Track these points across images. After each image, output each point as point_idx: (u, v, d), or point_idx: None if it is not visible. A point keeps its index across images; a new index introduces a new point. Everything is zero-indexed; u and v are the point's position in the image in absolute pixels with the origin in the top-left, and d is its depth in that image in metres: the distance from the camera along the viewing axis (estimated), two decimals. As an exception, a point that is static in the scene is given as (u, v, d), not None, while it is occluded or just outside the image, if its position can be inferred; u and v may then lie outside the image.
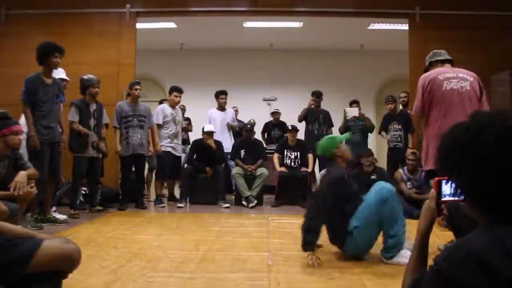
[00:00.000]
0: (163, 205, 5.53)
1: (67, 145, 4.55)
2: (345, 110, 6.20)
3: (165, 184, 6.08)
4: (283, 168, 5.68)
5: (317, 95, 6.28)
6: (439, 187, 1.04)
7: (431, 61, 3.28)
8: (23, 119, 3.99)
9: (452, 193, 0.94)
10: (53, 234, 2.98)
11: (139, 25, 6.16)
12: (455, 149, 0.88)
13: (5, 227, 1.53)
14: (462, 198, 0.90)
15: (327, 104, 6.47)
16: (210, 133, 5.61)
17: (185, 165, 6.03)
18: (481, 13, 5.80)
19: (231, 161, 6.02)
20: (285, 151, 5.85)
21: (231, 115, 6.37)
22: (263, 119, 7.67)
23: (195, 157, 5.72)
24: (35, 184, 3.09)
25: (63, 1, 5.99)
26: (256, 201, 5.44)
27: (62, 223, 4.04)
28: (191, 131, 7.14)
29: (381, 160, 6.17)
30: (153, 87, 9.24)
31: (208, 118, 6.19)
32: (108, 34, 5.96)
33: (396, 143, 5.76)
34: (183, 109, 6.72)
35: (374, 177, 5.10)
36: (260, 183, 5.55)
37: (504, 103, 5.70)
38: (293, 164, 5.79)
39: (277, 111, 7.55)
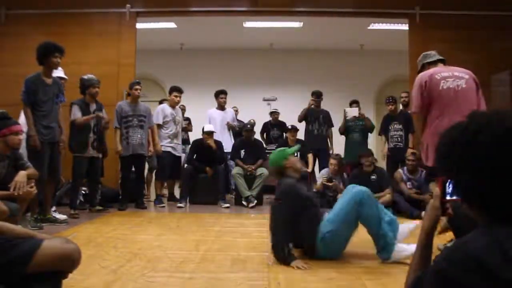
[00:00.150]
0: (163, 205, 5.53)
1: (68, 144, 4.56)
2: (345, 110, 6.20)
3: (165, 184, 6.09)
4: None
5: (317, 95, 6.28)
6: (443, 186, 1.04)
7: (423, 63, 3.31)
8: (22, 118, 3.99)
9: (456, 192, 0.95)
10: (53, 234, 2.98)
11: (139, 25, 6.16)
12: (453, 149, 0.88)
13: (5, 227, 1.53)
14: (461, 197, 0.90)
15: (327, 104, 6.47)
16: (210, 133, 5.61)
17: (185, 165, 6.04)
18: (481, 13, 5.80)
19: (231, 161, 6.02)
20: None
21: (231, 115, 6.37)
22: (263, 119, 7.67)
23: (195, 157, 5.72)
24: (35, 184, 3.09)
25: (63, 1, 5.99)
26: (256, 201, 5.44)
27: (62, 223, 4.04)
28: (191, 131, 7.14)
29: (381, 160, 6.18)
30: (153, 87, 9.24)
31: (208, 118, 6.19)
32: (108, 34, 5.96)
33: (397, 143, 5.75)
34: (183, 109, 6.72)
35: (374, 177, 5.11)
36: (260, 183, 5.55)
37: (504, 103, 5.70)
38: (293, 164, 5.78)
39: (276, 110, 7.55)
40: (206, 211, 5.01)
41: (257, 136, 6.84)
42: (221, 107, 6.25)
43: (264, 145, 6.64)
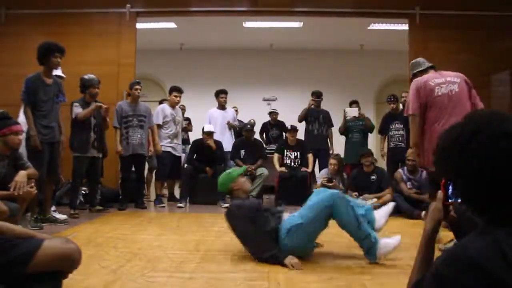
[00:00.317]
0: (163, 205, 5.53)
1: (69, 143, 4.56)
2: (345, 110, 6.20)
3: (165, 184, 6.09)
4: (283, 168, 5.69)
5: (317, 95, 6.28)
6: (446, 189, 1.04)
7: (413, 72, 3.40)
8: (21, 118, 3.99)
9: (455, 193, 0.95)
10: (53, 234, 2.98)
11: (139, 25, 6.17)
12: (451, 152, 0.88)
13: (5, 227, 1.53)
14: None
15: (327, 104, 6.47)
16: (210, 133, 5.62)
17: (185, 165, 6.04)
18: (481, 13, 5.79)
19: (231, 161, 6.02)
20: (285, 151, 5.85)
21: (231, 114, 6.37)
22: (263, 119, 7.67)
23: (195, 157, 5.72)
24: (34, 184, 3.09)
25: (63, 1, 5.99)
26: (256, 201, 5.44)
27: (62, 223, 4.04)
28: (191, 131, 7.14)
29: (381, 160, 6.18)
30: (153, 87, 9.24)
31: (208, 118, 6.19)
32: (108, 34, 5.97)
33: (398, 142, 5.72)
34: (183, 109, 6.72)
35: (374, 177, 5.11)
36: (260, 183, 5.55)
37: (504, 103, 5.70)
38: (293, 164, 5.79)
39: (275, 111, 7.54)
40: (206, 211, 5.01)
41: (257, 136, 6.84)
42: (222, 106, 6.25)
43: (264, 145, 6.64)
